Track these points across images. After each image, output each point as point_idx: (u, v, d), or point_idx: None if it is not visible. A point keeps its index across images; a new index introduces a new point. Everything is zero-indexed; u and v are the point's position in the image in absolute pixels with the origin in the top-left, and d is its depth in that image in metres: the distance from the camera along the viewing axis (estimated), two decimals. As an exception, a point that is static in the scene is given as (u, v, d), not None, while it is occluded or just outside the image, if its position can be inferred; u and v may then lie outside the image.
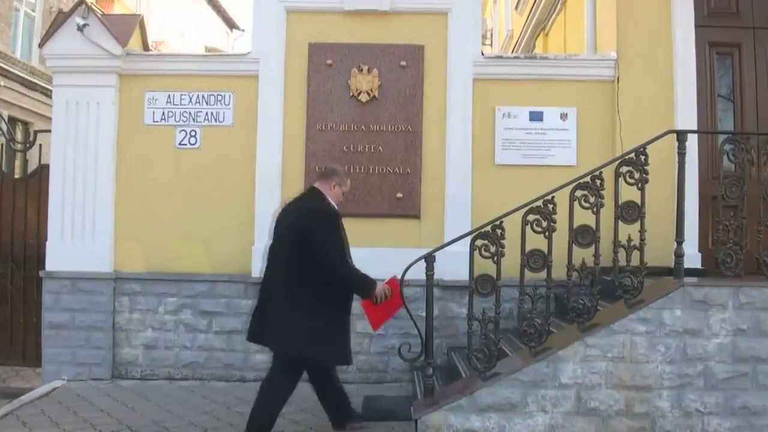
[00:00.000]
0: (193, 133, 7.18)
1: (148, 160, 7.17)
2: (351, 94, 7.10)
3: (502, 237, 4.75)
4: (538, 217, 4.78)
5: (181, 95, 7.20)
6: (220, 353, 7.03)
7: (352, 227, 6.81)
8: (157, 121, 7.20)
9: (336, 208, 5.24)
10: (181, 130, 7.19)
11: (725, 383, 4.84)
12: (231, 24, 28.80)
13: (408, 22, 7.17)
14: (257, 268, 6.84)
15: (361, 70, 7.09)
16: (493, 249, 4.75)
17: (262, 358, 6.83)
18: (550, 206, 4.78)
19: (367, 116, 7.08)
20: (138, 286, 7.09)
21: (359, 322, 6.80)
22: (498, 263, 4.75)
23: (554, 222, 4.77)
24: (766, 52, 7.23)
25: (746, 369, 4.86)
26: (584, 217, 4.84)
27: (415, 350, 5.01)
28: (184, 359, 7.05)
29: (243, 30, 28.48)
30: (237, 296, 7.05)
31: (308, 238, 4.88)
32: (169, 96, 7.20)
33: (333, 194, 5.28)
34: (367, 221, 6.95)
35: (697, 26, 7.01)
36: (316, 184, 5.31)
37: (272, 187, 7.03)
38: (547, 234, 4.79)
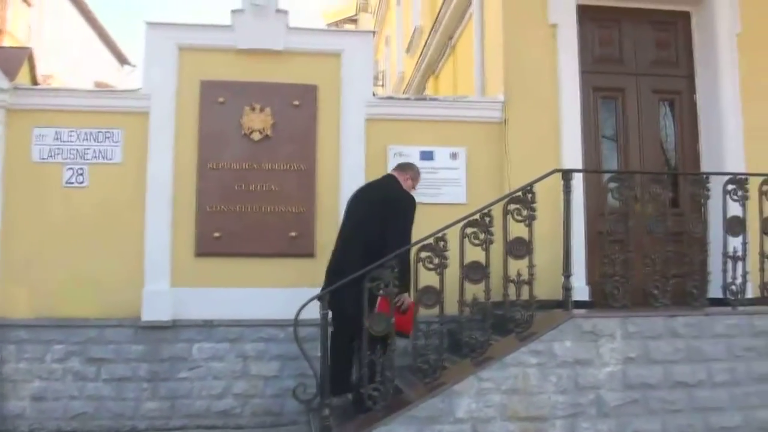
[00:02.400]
0: (80, 171, 6.92)
1: (35, 199, 6.86)
2: (243, 132, 7.03)
3: (395, 276, 4.78)
4: (430, 254, 4.85)
5: (69, 132, 6.95)
6: (110, 402, 6.69)
7: (245, 267, 6.86)
8: (45, 159, 6.91)
9: None
10: (68, 168, 6.92)
11: (617, 410, 5.01)
12: (122, 59, 28.16)
13: (301, 62, 7.20)
14: (148, 311, 6.66)
15: (254, 108, 7.04)
16: (387, 287, 4.76)
17: (153, 405, 6.63)
18: (442, 243, 4.86)
19: (260, 155, 7.02)
20: (25, 333, 6.70)
21: (253, 365, 6.75)
22: (391, 302, 4.79)
23: (446, 259, 4.84)
24: (649, 96, 7.68)
25: (637, 396, 5.07)
26: (475, 254, 4.94)
27: (310, 391, 4.99)
28: (72, 410, 6.66)
29: (134, 65, 27.90)
30: (126, 342, 6.75)
31: (388, 212, 5.34)
32: (57, 132, 6.94)
33: (406, 186, 5.81)
34: (261, 261, 6.90)
35: (582, 72, 7.33)
36: (393, 172, 5.91)
37: (162, 227, 6.85)
38: (439, 270, 4.86)
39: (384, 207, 5.48)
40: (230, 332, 6.80)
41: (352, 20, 24.67)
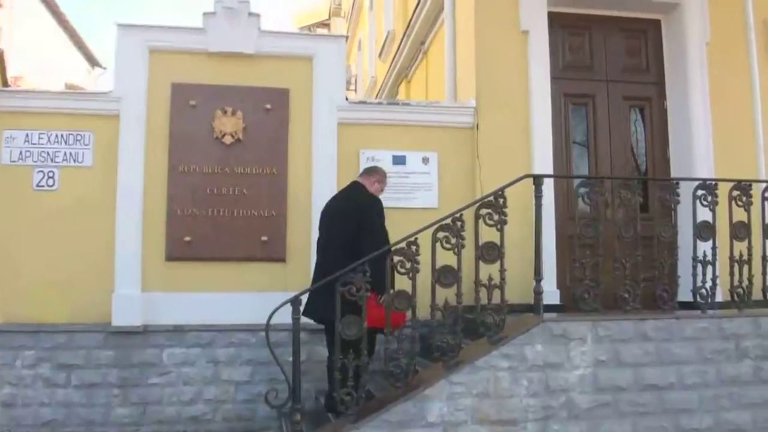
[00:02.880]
0: (51, 174, 6.83)
1: (5, 202, 6.75)
2: (215, 135, 6.98)
3: (367, 279, 4.76)
4: (402, 258, 4.85)
5: (40, 134, 6.84)
6: (80, 409, 6.57)
7: (216, 272, 6.82)
8: (15, 161, 6.81)
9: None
10: (38, 171, 6.82)
11: (588, 413, 5.06)
12: (93, 61, 27.87)
13: (273, 66, 7.18)
14: (119, 316, 6.58)
15: (225, 112, 7.00)
16: (358, 291, 4.75)
17: (123, 412, 6.55)
18: (414, 248, 4.85)
19: (232, 158, 6.98)
20: (-6, 339, 6.59)
21: (224, 371, 6.70)
22: (363, 305, 4.76)
23: (418, 263, 4.84)
24: (619, 102, 7.76)
25: (607, 398, 5.12)
26: (447, 258, 4.96)
27: (282, 396, 4.95)
28: (43, 417, 6.53)
29: (105, 68, 27.62)
30: (97, 347, 6.65)
31: (361, 218, 5.47)
32: (27, 135, 6.83)
33: (373, 190, 5.91)
34: (233, 265, 6.86)
35: (553, 78, 7.38)
36: (359, 179, 6.01)
37: (133, 231, 6.77)
38: (411, 275, 4.86)
39: (354, 216, 5.57)
40: (201, 337, 6.74)
41: (325, 24, 24.65)
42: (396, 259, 4.85)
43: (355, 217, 5.56)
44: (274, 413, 6.18)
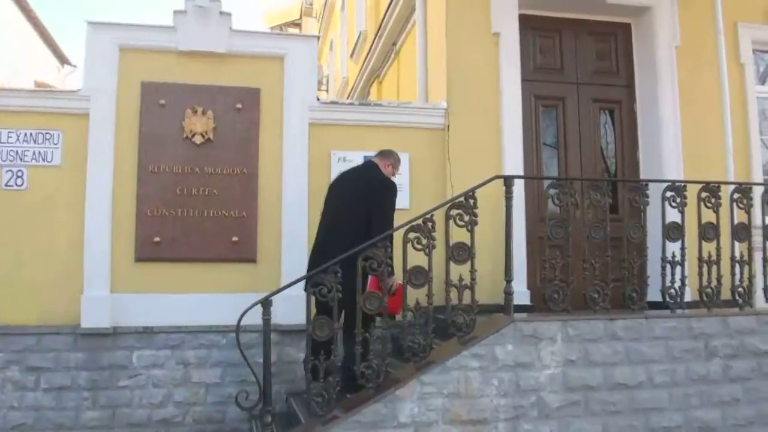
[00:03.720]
0: (19, 174, 6.71)
1: (-26, 201, 6.65)
2: (185, 135, 6.91)
3: (338, 280, 4.76)
4: (373, 259, 4.84)
5: (9, 133, 6.72)
6: (50, 412, 6.46)
7: (186, 273, 6.77)
8: (-17, 161, 6.72)
9: None
10: (7, 170, 6.69)
11: (558, 412, 5.08)
12: (63, 59, 27.55)
13: (244, 65, 7.13)
14: (87, 318, 6.48)
15: (196, 111, 6.94)
16: (329, 291, 4.74)
17: (93, 415, 6.46)
18: (384, 250, 4.85)
19: (202, 158, 6.92)
20: (-36, 343, 6.46)
21: (194, 372, 6.64)
22: (334, 306, 4.75)
23: (390, 264, 4.84)
24: (589, 104, 7.84)
25: (578, 397, 5.15)
26: (418, 259, 4.96)
27: (253, 398, 4.92)
28: (12, 421, 6.41)
29: (75, 66, 27.32)
30: (66, 349, 6.54)
31: (373, 198, 5.53)
32: (-5, 133, 6.75)
33: (387, 172, 5.97)
34: (202, 266, 6.80)
35: (523, 80, 7.43)
36: (375, 159, 6.06)
37: (102, 232, 6.68)
38: (381, 276, 4.86)
39: (367, 193, 5.65)
40: (171, 339, 6.67)
41: (296, 24, 24.58)
42: (368, 259, 4.84)
43: (365, 195, 5.64)
44: (245, 415, 6.18)
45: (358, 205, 5.62)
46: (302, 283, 4.95)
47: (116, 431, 6.51)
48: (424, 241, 4.95)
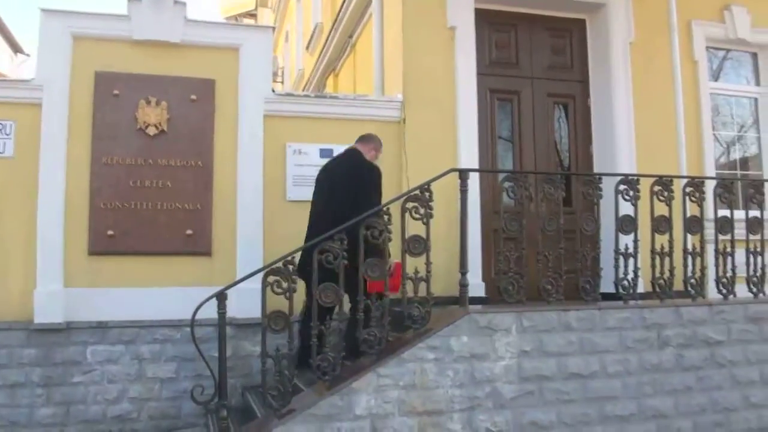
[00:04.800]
0: (-27, 165, 6.55)
1: (-75, 193, 6.47)
2: (138, 126, 6.82)
3: (294, 273, 4.75)
4: (329, 252, 4.84)
5: (-40, 123, 6.57)
6: (3, 410, 6.33)
7: (140, 266, 6.68)
8: (-66, 152, 6.53)
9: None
10: (-40, 162, 6.54)
11: (513, 402, 5.13)
12: (17, 48, 26.98)
13: (199, 56, 7.06)
14: (41, 313, 6.36)
15: (149, 102, 6.85)
16: (285, 285, 4.72)
17: (47, 412, 6.35)
18: (340, 242, 4.85)
19: (156, 150, 6.83)
20: None
21: (149, 367, 6.57)
22: (290, 299, 4.74)
23: (345, 257, 4.84)
24: (544, 99, 7.92)
25: (532, 387, 5.21)
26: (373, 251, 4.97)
27: (208, 392, 4.91)
28: (-35, 418, 6.31)
29: (29, 54, 26.78)
30: (19, 345, 6.41)
31: (359, 183, 5.63)
32: (-54, 124, 6.56)
33: (369, 157, 6.06)
34: (156, 259, 6.73)
35: (479, 74, 7.47)
36: (356, 145, 6.13)
37: (55, 225, 6.55)
38: (338, 269, 4.86)
39: (353, 180, 5.72)
40: (125, 334, 6.59)
41: (251, 15, 24.43)
42: (323, 252, 4.84)
43: (350, 182, 5.71)
44: (201, 410, 6.16)
45: (345, 193, 5.68)
46: (258, 277, 4.91)
47: (71, 428, 6.41)
48: (380, 234, 4.96)
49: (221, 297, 4.82)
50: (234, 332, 6.55)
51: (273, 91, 7.35)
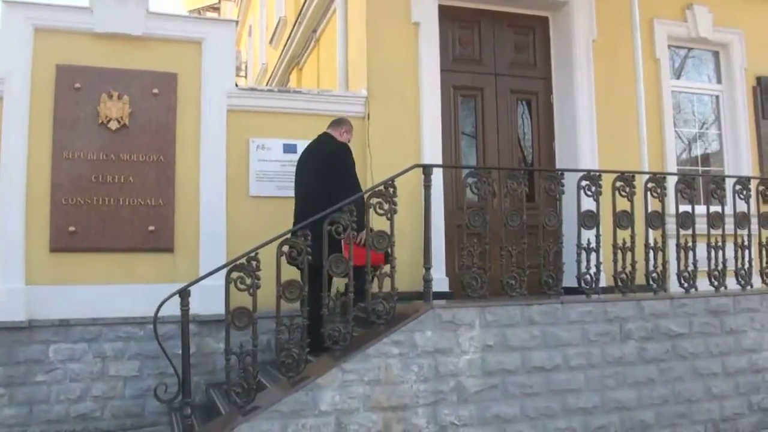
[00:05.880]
0: (-68, 160, 6.40)
1: None
2: (100, 120, 6.73)
3: (258, 269, 4.71)
4: (293, 247, 4.83)
5: None
6: (-34, 411, 6.24)
7: (102, 263, 6.61)
8: None
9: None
10: None
11: (477, 396, 5.17)
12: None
13: (161, 49, 6.99)
14: (2, 311, 6.23)
15: (111, 96, 6.77)
16: (248, 281, 4.70)
17: (10, 412, 6.24)
18: (304, 237, 4.85)
19: (117, 145, 6.75)
20: None
21: (112, 366, 6.51)
22: (254, 295, 4.71)
23: (309, 253, 4.84)
24: (507, 95, 7.99)
25: (496, 381, 5.25)
26: (337, 247, 5.01)
27: (172, 390, 4.87)
28: (-74, 421, 6.18)
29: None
30: (-20, 345, 6.32)
31: (334, 163, 5.83)
32: None
33: (342, 139, 6.18)
34: (117, 256, 6.65)
35: (443, 70, 7.51)
36: (328, 130, 6.27)
37: (15, 221, 6.44)
38: (302, 264, 4.86)
39: (328, 164, 5.89)
40: (87, 332, 6.50)
41: (215, 8, 24.27)
42: (287, 248, 4.84)
43: (326, 166, 5.88)
44: (164, 408, 6.13)
45: (322, 177, 5.82)
46: (221, 273, 4.88)
47: (34, 428, 6.31)
48: (341, 231, 4.96)
49: (184, 294, 4.77)
50: (197, 329, 6.50)
51: (236, 85, 7.32)
